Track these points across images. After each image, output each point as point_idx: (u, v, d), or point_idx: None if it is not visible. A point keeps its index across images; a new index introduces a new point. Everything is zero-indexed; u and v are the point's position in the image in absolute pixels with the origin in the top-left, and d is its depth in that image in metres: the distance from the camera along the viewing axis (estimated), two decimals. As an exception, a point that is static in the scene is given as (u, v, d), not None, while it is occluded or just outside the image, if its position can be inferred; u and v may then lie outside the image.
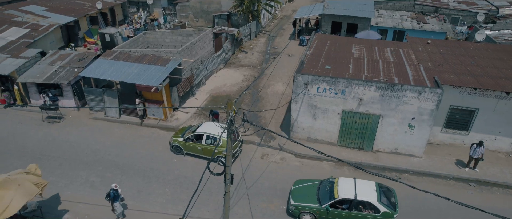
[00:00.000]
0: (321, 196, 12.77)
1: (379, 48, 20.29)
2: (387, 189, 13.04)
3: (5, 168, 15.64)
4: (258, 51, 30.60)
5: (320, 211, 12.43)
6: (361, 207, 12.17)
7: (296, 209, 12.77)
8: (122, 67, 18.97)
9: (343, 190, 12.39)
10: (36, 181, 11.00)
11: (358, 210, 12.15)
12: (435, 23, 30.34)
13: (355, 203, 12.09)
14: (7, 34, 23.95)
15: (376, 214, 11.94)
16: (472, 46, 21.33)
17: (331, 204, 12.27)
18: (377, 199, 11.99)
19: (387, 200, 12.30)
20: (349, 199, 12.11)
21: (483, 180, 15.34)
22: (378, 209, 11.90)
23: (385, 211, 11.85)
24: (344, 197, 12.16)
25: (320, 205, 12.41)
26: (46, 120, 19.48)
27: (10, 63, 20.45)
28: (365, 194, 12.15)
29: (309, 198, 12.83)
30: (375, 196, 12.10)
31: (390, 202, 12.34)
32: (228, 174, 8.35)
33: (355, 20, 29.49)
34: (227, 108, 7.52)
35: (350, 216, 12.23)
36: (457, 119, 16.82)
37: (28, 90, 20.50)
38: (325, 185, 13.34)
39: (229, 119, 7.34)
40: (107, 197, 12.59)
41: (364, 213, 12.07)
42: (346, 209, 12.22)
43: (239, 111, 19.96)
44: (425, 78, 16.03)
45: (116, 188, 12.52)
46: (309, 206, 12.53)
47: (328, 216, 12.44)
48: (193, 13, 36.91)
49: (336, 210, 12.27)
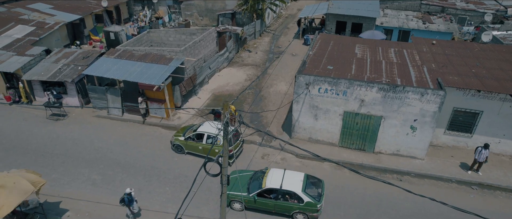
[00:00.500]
0: (251, 185, 13.24)
1: (383, 48, 20.12)
2: (316, 180, 13.43)
3: (9, 164, 15.89)
4: (262, 50, 30.55)
5: (248, 200, 12.94)
6: (287, 197, 12.57)
7: (229, 197, 13.26)
8: (125, 66, 19.08)
9: (271, 180, 12.87)
10: (34, 180, 11.12)
11: (284, 200, 12.56)
12: (441, 23, 29.98)
13: (281, 192, 12.56)
14: (14, 32, 24.23)
15: (300, 203, 12.41)
16: (478, 47, 21.04)
17: (258, 193, 12.76)
18: (301, 189, 12.44)
19: (312, 191, 12.71)
20: (275, 189, 12.60)
21: (486, 183, 15.16)
22: (302, 199, 12.34)
23: (309, 201, 12.31)
24: (270, 186, 12.64)
25: (249, 194, 12.89)
26: (50, 117, 19.70)
27: (16, 61, 20.70)
28: (291, 184, 12.58)
29: (240, 187, 13.26)
30: (300, 186, 12.54)
31: (315, 193, 12.74)
32: (224, 175, 8.35)
33: (360, 20, 29.26)
34: (224, 110, 7.51)
35: (276, 205, 12.73)
36: (461, 121, 16.62)
37: (33, 87, 20.74)
38: (257, 175, 13.76)
39: (225, 120, 7.34)
40: (121, 202, 12.33)
41: (289, 202, 12.53)
42: (273, 199, 12.70)
43: (239, 110, 19.96)
44: (428, 79, 15.86)
45: (130, 191, 12.28)
46: (239, 195, 12.99)
47: (255, 205, 12.96)
48: (198, 12, 36.96)
49: (263, 199, 12.77)
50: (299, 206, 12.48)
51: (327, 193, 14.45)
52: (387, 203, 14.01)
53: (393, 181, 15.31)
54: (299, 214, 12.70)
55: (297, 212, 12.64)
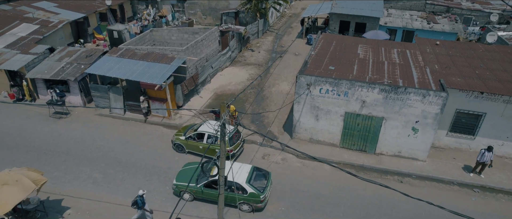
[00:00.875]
0: (199, 177, 13.59)
1: (386, 49, 19.98)
2: (263, 173, 13.85)
3: (12, 162, 16.04)
4: (265, 50, 30.50)
5: (196, 191, 13.48)
6: (233, 188, 12.90)
7: (177, 188, 13.73)
8: (127, 65, 19.16)
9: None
10: (35, 178, 11.22)
11: (229, 191, 12.86)
12: (446, 23, 29.71)
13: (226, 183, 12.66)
14: (18, 30, 24.42)
15: (244, 194, 12.91)
16: (482, 48, 20.83)
17: (205, 184, 13.24)
18: (245, 181, 12.95)
19: (257, 183, 13.20)
20: None
21: (488, 186, 15.02)
22: (246, 190, 12.86)
23: (252, 192, 12.83)
24: (216, 178, 12.84)
25: (196, 185, 13.39)
26: (53, 115, 19.85)
27: (20, 59, 20.86)
28: (236, 176, 12.97)
29: (189, 178, 13.41)
30: (244, 178, 13.06)
31: (261, 184, 13.20)
32: (221, 176, 8.35)
33: (364, 20, 29.10)
34: (221, 111, 7.50)
35: None
36: (463, 122, 16.47)
37: (37, 86, 20.90)
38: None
39: (222, 122, 7.33)
40: (134, 204, 12.21)
41: (234, 193, 12.88)
42: (212, 189, 13.17)
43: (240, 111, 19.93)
44: (430, 81, 15.73)
45: (143, 193, 12.22)
46: (186, 185, 13.35)
47: (203, 195, 13.51)
48: (201, 11, 36.99)
49: (210, 190, 13.24)
50: (243, 196, 12.93)
51: (327, 194, 14.46)
52: (387, 204, 13.94)
53: (394, 182, 15.23)
54: (244, 205, 13.18)
55: (241, 202, 13.12)
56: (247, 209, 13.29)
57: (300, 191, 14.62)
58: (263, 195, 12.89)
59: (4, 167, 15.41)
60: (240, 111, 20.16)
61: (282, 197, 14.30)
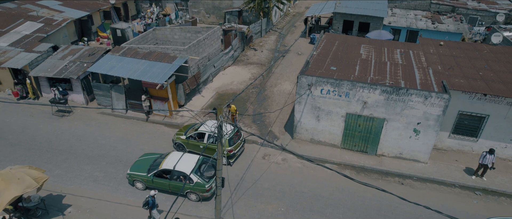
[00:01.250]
0: (151, 167, 14.21)
1: (389, 49, 19.84)
2: (213, 164, 14.17)
3: (15, 159, 16.21)
4: (268, 49, 30.43)
5: (147, 179, 14.01)
6: (181, 178, 13.51)
7: (130, 177, 14.32)
8: (129, 64, 19.23)
9: (167, 162, 13.86)
10: (36, 176, 11.32)
11: (177, 180, 13.56)
12: (451, 23, 29.41)
13: (174, 173, 13.60)
14: (22, 28, 24.60)
15: (190, 183, 13.41)
16: (487, 48, 20.60)
17: (155, 174, 13.78)
18: (191, 171, 13.40)
19: (204, 173, 13.67)
20: (169, 170, 13.64)
21: (490, 189, 14.87)
22: (192, 180, 13.36)
23: (198, 182, 13.32)
24: (165, 167, 13.67)
25: (147, 174, 13.90)
26: (55, 113, 19.99)
27: (23, 57, 21.03)
28: (183, 166, 13.51)
29: (143, 168, 14.29)
30: (191, 168, 13.51)
31: (208, 175, 13.69)
32: (218, 178, 8.35)
33: (367, 19, 28.89)
34: (218, 113, 7.50)
35: (170, 185, 13.77)
36: (466, 124, 16.31)
37: (40, 84, 21.06)
38: (160, 157, 14.68)
39: (218, 124, 7.32)
40: (146, 205, 12.14)
41: (181, 182, 13.52)
42: (168, 179, 13.71)
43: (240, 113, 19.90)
44: (433, 82, 15.59)
45: (154, 194, 12.20)
46: (139, 175, 14.08)
47: (153, 184, 14.01)
48: (205, 9, 36.99)
49: (160, 179, 13.81)
50: (190, 186, 13.43)
51: (327, 195, 14.41)
52: (388, 206, 13.86)
53: (395, 184, 15.14)
54: (191, 194, 13.67)
55: (188, 191, 13.62)
56: (195, 198, 13.74)
57: (300, 191, 14.59)
58: (208, 184, 13.36)
59: (7, 164, 15.63)
60: (240, 111, 20.14)
61: (281, 198, 14.28)
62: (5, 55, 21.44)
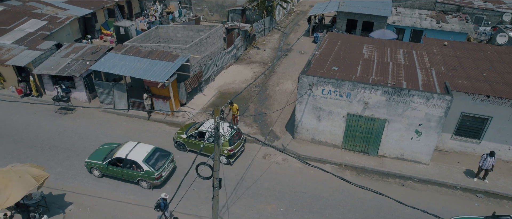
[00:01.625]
0: (107, 155, 14.88)
1: (392, 49, 19.68)
2: (164, 153, 14.90)
3: (17, 157, 16.39)
4: (271, 48, 30.34)
5: (102, 167, 14.67)
6: (134, 166, 14.16)
7: (88, 165, 15.04)
8: (131, 62, 19.28)
9: (121, 151, 14.53)
10: (37, 174, 11.41)
11: (130, 168, 14.24)
12: (456, 22, 29.08)
13: (126, 161, 14.23)
14: (27, 26, 24.77)
15: (141, 171, 14.08)
16: (491, 49, 20.35)
17: (110, 162, 14.42)
18: (142, 159, 14.04)
19: (155, 162, 14.27)
20: (121, 158, 14.30)
21: (492, 192, 14.73)
22: (142, 168, 14.01)
23: (148, 170, 13.96)
24: (118, 156, 14.33)
25: (103, 162, 14.52)
26: (58, 111, 20.13)
27: (27, 55, 21.18)
28: (135, 155, 14.24)
29: (100, 156, 14.92)
30: (142, 157, 14.15)
31: (158, 163, 14.31)
32: (215, 179, 8.35)
33: (371, 18, 28.68)
34: (214, 115, 7.48)
35: (123, 172, 14.44)
36: (469, 126, 16.16)
37: (43, 81, 21.21)
38: (116, 147, 15.29)
39: (215, 125, 7.31)
40: (157, 207, 12.14)
41: (132, 170, 14.20)
42: (121, 167, 14.35)
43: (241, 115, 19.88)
44: (435, 83, 15.44)
45: (166, 197, 12.23)
46: (95, 163, 14.75)
47: (107, 172, 14.70)
48: (208, 7, 36.96)
49: (114, 167, 14.46)
50: (140, 174, 14.11)
51: (327, 196, 14.37)
52: (387, 208, 13.79)
53: (395, 185, 15.05)
54: (142, 181, 14.34)
55: (139, 179, 14.28)
56: (146, 185, 14.40)
57: (300, 192, 14.57)
58: (158, 173, 14.02)
59: (10, 160, 15.80)
60: (241, 111, 20.12)
61: (281, 198, 14.27)
62: (9, 52, 21.61)
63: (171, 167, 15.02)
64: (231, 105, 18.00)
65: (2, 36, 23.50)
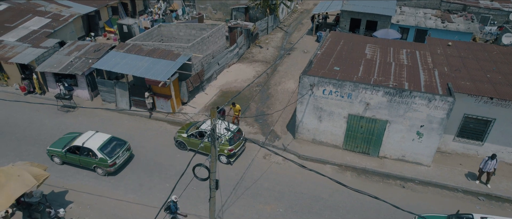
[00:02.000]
0: (67, 144, 15.57)
1: (395, 49, 19.51)
2: (120, 143, 15.63)
3: (20, 154, 16.53)
4: (274, 46, 30.25)
5: (61, 155, 15.46)
6: (90, 154, 14.91)
7: (49, 152, 15.76)
8: (133, 61, 19.32)
9: (79, 140, 15.31)
10: (37, 173, 11.49)
11: (86, 156, 15.00)
12: (461, 22, 28.75)
13: (83, 149, 15.00)
14: (30, 24, 24.93)
15: (95, 159, 14.85)
16: (497, 50, 20.09)
17: (68, 150, 15.22)
18: (97, 148, 14.78)
19: (110, 150, 14.99)
20: (78, 146, 15.08)
21: (494, 195, 14.57)
22: (97, 155, 14.77)
23: (102, 157, 14.71)
24: (75, 144, 15.10)
25: (62, 150, 15.30)
26: (61, 108, 20.25)
27: (30, 52, 21.32)
28: (91, 143, 14.99)
29: (60, 145, 15.66)
30: (97, 145, 14.88)
31: (113, 152, 15.04)
32: (212, 180, 8.34)
33: (375, 18, 28.45)
34: (211, 117, 7.46)
35: (80, 160, 15.23)
36: (471, 128, 15.98)
37: (46, 79, 21.35)
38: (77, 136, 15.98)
39: (211, 127, 7.29)
40: (167, 210, 12.17)
41: (88, 158, 14.98)
42: (78, 154, 15.12)
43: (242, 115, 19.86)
44: (437, 84, 15.28)
45: (176, 200, 12.27)
46: (55, 150, 15.53)
47: (66, 159, 15.48)
48: (212, 5, 36.92)
49: (72, 154, 15.25)
50: (95, 161, 14.86)
51: (326, 197, 14.32)
52: (387, 209, 13.69)
53: (396, 187, 14.95)
54: (98, 168, 15.13)
55: (95, 166, 15.08)
56: (101, 172, 15.17)
57: (299, 192, 14.54)
58: (111, 160, 14.75)
59: (12, 158, 15.96)
60: (242, 110, 20.10)
61: (280, 198, 14.25)
62: (12, 50, 21.77)
63: (127, 155, 15.70)
64: (234, 106, 17.98)
65: (6, 34, 23.68)
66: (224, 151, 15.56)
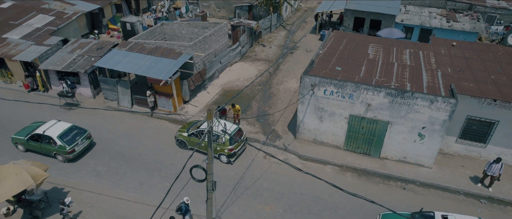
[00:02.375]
0: (30, 132, 16.24)
1: (398, 49, 19.33)
2: (80, 131, 16.41)
3: (22, 152, 16.64)
4: (277, 45, 30.13)
5: (24, 142, 16.14)
6: (50, 141, 15.64)
7: (13, 140, 16.52)
8: (135, 59, 19.36)
9: (41, 128, 16.04)
10: (37, 173, 11.56)
11: (47, 143, 15.76)
12: (467, 21, 28.39)
13: (43, 137, 15.77)
14: (34, 21, 25.05)
15: (55, 146, 15.61)
16: (502, 50, 19.82)
17: (30, 137, 15.93)
18: (57, 135, 15.56)
19: (70, 138, 15.76)
20: (40, 134, 15.79)
21: (496, 198, 14.42)
22: (56, 143, 15.54)
23: (61, 144, 15.47)
24: (37, 132, 15.83)
25: (24, 138, 16.00)
26: (63, 106, 20.37)
27: (34, 50, 21.44)
28: (52, 131, 15.76)
29: (24, 133, 16.38)
30: (57, 133, 15.62)
31: (73, 139, 15.81)
32: (209, 182, 8.33)
33: (379, 17, 28.19)
34: (208, 119, 7.43)
35: (41, 147, 15.98)
36: (474, 130, 15.80)
37: (49, 77, 21.47)
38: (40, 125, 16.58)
39: (207, 129, 7.26)
40: (179, 210, 12.21)
41: (49, 145, 15.74)
42: (40, 142, 15.86)
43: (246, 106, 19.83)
44: (440, 85, 15.12)
45: (188, 202, 12.19)
46: (19, 138, 16.26)
47: (29, 146, 16.25)
48: (215, 3, 36.84)
49: (34, 142, 15.99)
50: (55, 148, 15.61)
51: (326, 198, 14.27)
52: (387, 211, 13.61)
53: (397, 188, 14.86)
54: (58, 155, 15.89)
55: (55, 153, 15.82)
56: (61, 159, 15.89)
57: (299, 193, 14.50)
58: (70, 147, 15.51)
59: (15, 156, 16.09)
60: (243, 109, 20.06)
61: (280, 199, 14.23)
62: (16, 48, 21.91)
63: (86, 143, 16.43)
64: (233, 107, 17.96)
65: (10, 31, 23.83)
66: (225, 151, 15.55)
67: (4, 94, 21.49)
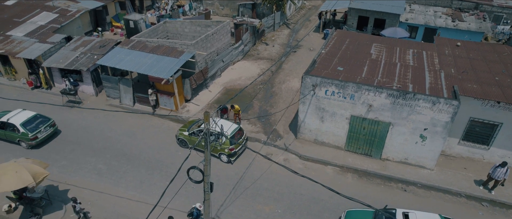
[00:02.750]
0: None
1: (401, 49, 19.15)
2: (44, 120, 17.09)
3: (24, 149, 16.78)
4: (280, 44, 30.01)
5: None
6: (14, 129, 16.34)
7: None
8: (137, 57, 19.39)
9: (6, 116, 16.76)
10: (37, 171, 11.64)
11: (11, 130, 16.48)
12: (472, 21, 28.04)
13: (7, 125, 16.48)
14: (38, 19, 25.19)
15: (18, 133, 16.32)
16: (508, 51, 19.55)
17: None
18: (20, 123, 16.31)
19: (33, 126, 16.54)
20: (4, 122, 16.54)
21: (498, 201, 14.26)
22: (19, 130, 16.28)
23: (23, 132, 16.22)
24: (1, 120, 16.58)
25: None
26: (66, 104, 20.49)
27: (37, 48, 21.57)
28: (15, 119, 16.53)
29: None
30: (20, 121, 16.42)
31: (36, 128, 16.56)
32: (206, 183, 8.32)
33: (383, 16, 27.95)
34: (205, 120, 7.41)
35: (5, 134, 16.77)
36: (477, 132, 15.63)
37: (53, 74, 21.60)
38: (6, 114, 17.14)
39: (204, 131, 7.24)
40: (190, 216, 12.22)
41: (13, 132, 16.49)
42: (2, 129, 16.66)
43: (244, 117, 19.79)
44: (443, 87, 14.96)
45: (200, 208, 12.12)
46: None
47: None
48: (219, 1, 36.76)
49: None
50: (18, 135, 16.37)
51: (326, 199, 14.22)
52: (388, 214, 13.54)
53: (397, 190, 14.76)
54: (21, 142, 16.64)
55: (18, 140, 16.59)
56: (25, 146, 16.62)
57: (299, 194, 14.46)
58: (32, 134, 16.25)
59: (18, 154, 16.22)
60: (244, 109, 20.02)
61: (279, 199, 14.20)
62: (20, 45, 22.06)
63: (50, 131, 17.15)
64: (233, 108, 17.95)
65: (14, 29, 24.00)
66: (225, 150, 15.55)
67: (8, 91, 21.68)
